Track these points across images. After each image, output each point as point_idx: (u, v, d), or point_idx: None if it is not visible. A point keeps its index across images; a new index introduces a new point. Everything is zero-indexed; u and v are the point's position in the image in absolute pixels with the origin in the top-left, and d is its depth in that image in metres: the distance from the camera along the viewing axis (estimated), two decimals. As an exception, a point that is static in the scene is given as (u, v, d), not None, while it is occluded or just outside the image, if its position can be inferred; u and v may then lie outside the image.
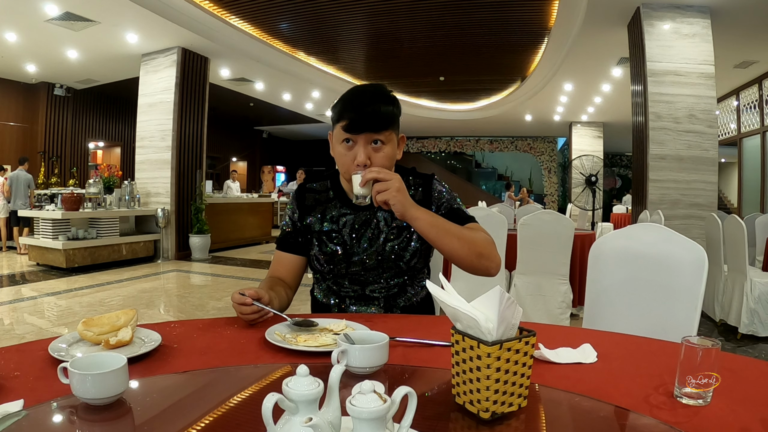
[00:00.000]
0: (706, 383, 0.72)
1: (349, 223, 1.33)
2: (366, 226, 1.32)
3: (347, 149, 1.24)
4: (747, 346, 3.53)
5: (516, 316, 0.71)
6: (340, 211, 1.35)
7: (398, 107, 1.29)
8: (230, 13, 6.84)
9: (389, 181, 1.13)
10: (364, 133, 1.22)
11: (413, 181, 1.37)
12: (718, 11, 5.27)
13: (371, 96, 1.24)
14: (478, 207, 3.98)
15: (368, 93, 1.25)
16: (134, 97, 7.88)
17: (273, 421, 0.54)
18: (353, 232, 1.32)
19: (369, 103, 1.22)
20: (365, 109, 1.21)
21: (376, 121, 1.21)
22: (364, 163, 1.21)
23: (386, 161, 1.25)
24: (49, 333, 3.63)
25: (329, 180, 1.41)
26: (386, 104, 1.24)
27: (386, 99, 1.25)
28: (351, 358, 0.80)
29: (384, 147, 1.24)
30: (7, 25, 6.48)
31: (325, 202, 1.37)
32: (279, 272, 1.38)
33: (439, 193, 1.36)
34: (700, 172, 5.20)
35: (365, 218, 1.33)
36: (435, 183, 1.37)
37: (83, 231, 6.43)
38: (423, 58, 8.76)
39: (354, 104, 1.23)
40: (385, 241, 1.31)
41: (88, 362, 0.72)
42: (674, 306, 1.35)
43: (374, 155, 1.23)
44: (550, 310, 3.55)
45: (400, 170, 1.38)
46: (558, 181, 16.07)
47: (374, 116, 1.21)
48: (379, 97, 1.24)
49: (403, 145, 1.35)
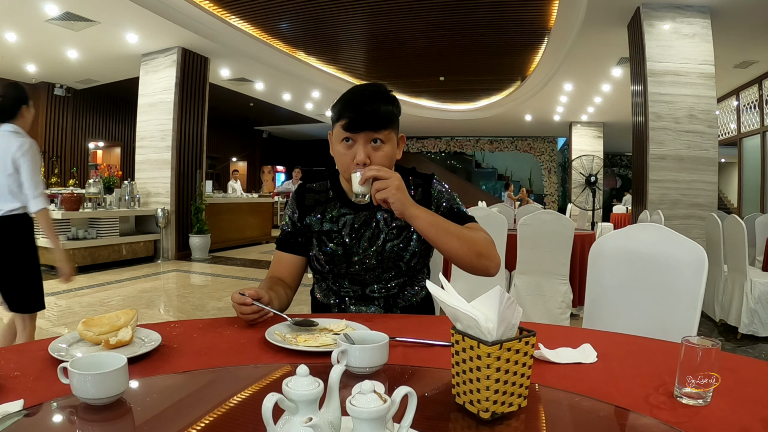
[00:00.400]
0: (706, 383, 0.72)
1: (348, 223, 1.33)
2: (366, 225, 1.32)
3: (347, 148, 1.25)
4: (747, 346, 3.53)
5: (516, 316, 0.71)
6: (339, 211, 1.35)
7: (398, 107, 1.29)
8: (230, 13, 6.84)
9: (388, 179, 1.13)
10: (364, 132, 1.22)
11: (413, 180, 1.37)
12: (718, 11, 5.26)
13: (371, 95, 1.24)
14: (478, 207, 3.98)
15: (368, 92, 1.25)
16: (134, 97, 7.87)
17: (273, 421, 0.54)
18: (353, 232, 1.32)
19: (368, 102, 1.22)
20: (364, 108, 1.21)
21: (375, 120, 1.21)
22: (363, 161, 1.21)
23: (386, 160, 1.25)
24: (49, 333, 3.63)
25: (329, 180, 1.41)
26: (386, 103, 1.24)
27: (386, 98, 1.26)
28: (351, 358, 0.80)
29: (383, 146, 1.24)
30: (7, 25, 6.48)
31: (324, 202, 1.37)
32: (279, 272, 1.38)
33: (439, 193, 1.36)
34: (700, 172, 5.20)
35: (365, 218, 1.33)
36: (435, 183, 1.37)
37: (83, 231, 6.43)
38: (423, 58, 8.75)
39: (353, 103, 1.23)
40: (384, 241, 1.31)
41: (88, 362, 0.72)
42: (674, 306, 1.35)
43: (374, 154, 1.23)
44: (550, 310, 3.55)
45: (399, 170, 1.38)
46: (558, 181, 16.07)
47: (373, 115, 1.21)
48: (379, 97, 1.24)
49: (403, 144, 1.35)
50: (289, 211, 1.41)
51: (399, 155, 1.33)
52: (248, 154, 17.04)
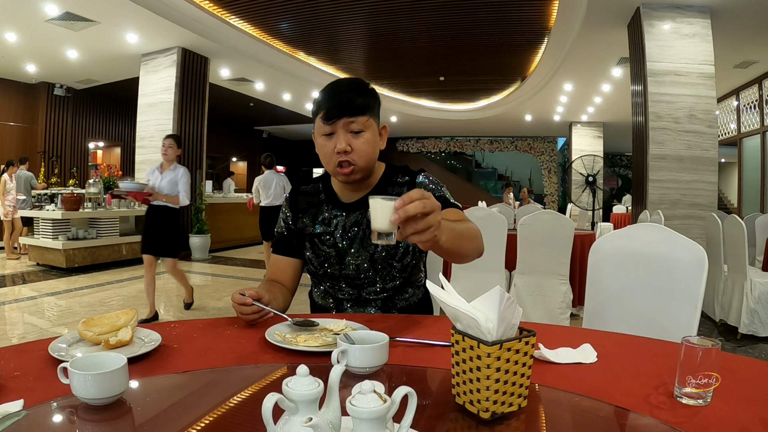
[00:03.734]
0: (706, 383, 0.72)
1: (340, 224, 1.32)
2: (357, 226, 1.31)
3: (327, 140, 1.24)
4: (747, 346, 3.53)
5: (516, 316, 0.71)
6: (331, 212, 1.34)
7: (375, 97, 1.28)
8: (230, 13, 6.84)
9: (431, 215, 0.85)
10: (341, 119, 1.21)
11: (401, 178, 1.36)
12: (718, 11, 5.26)
13: (347, 85, 1.25)
14: (478, 207, 3.98)
15: (344, 82, 1.26)
16: (134, 97, 7.88)
17: (273, 421, 0.54)
18: (345, 233, 1.31)
19: (345, 91, 1.23)
20: (341, 97, 1.22)
21: (351, 106, 1.21)
22: (344, 149, 1.21)
23: (368, 147, 1.24)
24: (49, 333, 3.63)
25: (321, 182, 1.40)
26: (361, 92, 1.24)
27: (361, 88, 1.25)
28: (351, 358, 0.80)
29: (364, 134, 1.23)
30: (7, 25, 6.48)
31: (317, 204, 1.37)
32: (276, 275, 1.38)
33: (423, 185, 1.34)
34: (700, 172, 5.20)
35: (356, 219, 1.32)
36: (421, 176, 1.36)
37: (83, 231, 6.43)
38: (423, 58, 8.76)
39: (329, 94, 1.24)
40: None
41: (88, 362, 0.72)
42: (674, 306, 1.35)
43: (354, 141, 1.23)
44: (550, 310, 3.55)
45: (391, 168, 1.38)
46: (558, 181, 16.07)
47: (349, 102, 1.21)
48: (355, 86, 1.25)
49: (386, 135, 1.34)
50: (282, 215, 1.41)
51: (383, 145, 1.32)
52: (248, 154, 17.04)
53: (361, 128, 1.23)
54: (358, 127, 1.22)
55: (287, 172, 20.15)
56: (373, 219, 0.87)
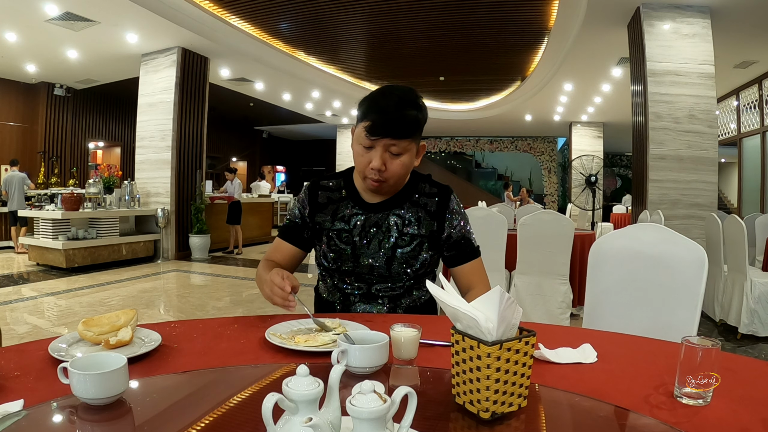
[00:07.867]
0: (706, 383, 0.72)
1: (359, 223, 1.33)
2: (376, 227, 1.31)
3: (365, 150, 1.24)
4: (747, 346, 3.53)
5: (516, 316, 0.71)
6: (352, 210, 1.34)
7: (424, 114, 1.27)
8: (230, 13, 6.84)
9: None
10: (384, 139, 1.20)
11: (428, 189, 1.36)
12: (718, 11, 5.26)
13: (398, 100, 1.22)
14: (478, 207, 3.97)
15: (395, 96, 1.23)
16: (134, 97, 7.87)
17: (273, 421, 0.54)
18: (363, 233, 1.31)
19: (394, 109, 1.20)
20: (389, 115, 1.19)
21: (397, 128, 1.20)
22: (378, 168, 1.21)
23: (402, 169, 1.24)
24: (49, 333, 3.63)
25: (343, 178, 1.39)
26: (410, 113, 1.22)
27: (412, 104, 1.23)
28: (351, 358, 0.80)
29: (402, 156, 1.23)
30: (7, 25, 6.48)
31: (337, 201, 1.36)
32: (276, 258, 1.38)
33: (455, 213, 1.34)
34: (700, 172, 5.20)
35: (376, 220, 1.32)
36: (453, 199, 1.36)
37: (83, 231, 6.43)
38: (423, 58, 8.75)
39: (380, 106, 1.21)
40: (395, 246, 1.30)
41: (88, 362, 0.72)
42: (674, 306, 1.35)
43: (390, 161, 1.23)
44: (550, 310, 3.55)
45: (415, 176, 1.37)
46: (558, 181, 16.06)
47: (397, 123, 1.19)
48: (404, 104, 1.22)
49: (423, 152, 1.33)
50: (299, 204, 1.40)
51: (417, 163, 1.31)
52: (248, 154, 17.05)
53: (400, 151, 1.23)
54: (398, 150, 1.22)
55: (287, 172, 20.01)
56: (396, 349, 0.90)
